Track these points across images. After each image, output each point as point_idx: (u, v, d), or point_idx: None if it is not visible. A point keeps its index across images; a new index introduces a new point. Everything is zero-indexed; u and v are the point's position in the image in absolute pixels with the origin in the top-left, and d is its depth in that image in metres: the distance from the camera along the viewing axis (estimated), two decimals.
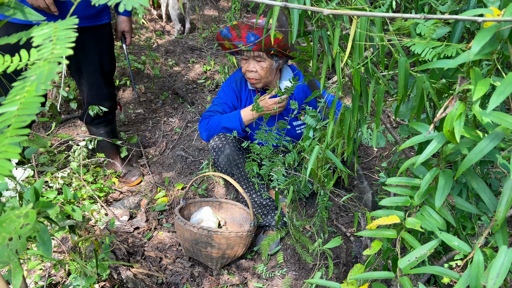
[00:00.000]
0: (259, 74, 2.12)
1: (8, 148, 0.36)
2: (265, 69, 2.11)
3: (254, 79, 2.15)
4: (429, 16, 0.51)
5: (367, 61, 0.82)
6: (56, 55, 0.37)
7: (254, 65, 2.11)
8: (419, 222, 0.75)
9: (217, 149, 2.12)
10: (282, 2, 0.51)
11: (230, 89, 2.31)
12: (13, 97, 0.40)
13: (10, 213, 0.47)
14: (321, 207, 1.61)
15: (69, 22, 0.41)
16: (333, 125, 1.00)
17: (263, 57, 2.09)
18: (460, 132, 0.63)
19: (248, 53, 2.10)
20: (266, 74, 2.13)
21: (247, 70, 2.14)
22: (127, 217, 2.32)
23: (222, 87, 2.36)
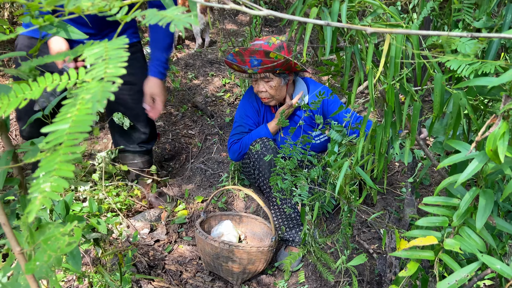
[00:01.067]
0: (269, 93, 2.20)
1: (61, 166, 0.36)
2: (274, 88, 2.18)
3: (266, 98, 2.24)
4: (475, 34, 0.50)
5: (402, 76, 0.81)
6: (109, 74, 0.37)
7: (263, 85, 2.19)
8: (458, 243, 0.73)
9: (260, 154, 2.16)
10: (325, 21, 0.51)
11: (249, 105, 2.36)
12: (64, 115, 0.40)
13: (55, 230, 0.47)
14: (345, 223, 1.58)
15: (119, 41, 0.41)
16: (363, 141, 0.99)
17: (270, 77, 2.16)
18: (505, 152, 0.61)
19: (255, 75, 2.18)
20: (276, 92, 2.20)
21: (258, 91, 2.23)
22: (148, 230, 2.33)
23: (240, 105, 2.41)
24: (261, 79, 2.17)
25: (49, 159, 0.36)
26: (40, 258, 0.45)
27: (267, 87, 2.18)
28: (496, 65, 0.75)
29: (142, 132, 2.30)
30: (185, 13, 0.43)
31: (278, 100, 2.26)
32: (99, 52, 0.41)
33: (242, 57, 2.11)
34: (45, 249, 0.46)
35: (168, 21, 0.42)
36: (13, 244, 0.50)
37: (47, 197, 0.34)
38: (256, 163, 2.17)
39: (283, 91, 2.23)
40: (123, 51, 0.40)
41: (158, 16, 0.43)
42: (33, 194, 0.35)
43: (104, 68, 0.38)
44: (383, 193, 2.52)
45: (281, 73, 2.17)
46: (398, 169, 2.81)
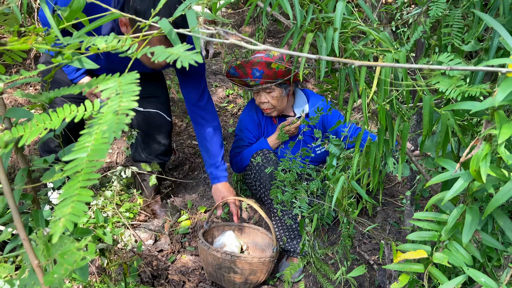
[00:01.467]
0: (271, 103, 2.25)
1: (81, 191, 0.41)
2: (275, 98, 2.23)
3: (268, 109, 2.29)
4: (454, 68, 0.55)
5: (392, 98, 0.86)
6: (123, 107, 0.42)
7: (265, 96, 2.24)
8: (446, 257, 0.77)
9: (261, 165, 2.21)
10: (317, 56, 0.56)
11: (249, 119, 2.41)
12: (82, 144, 0.45)
13: (70, 245, 0.52)
14: (344, 235, 1.62)
15: (131, 76, 0.47)
16: (358, 157, 1.03)
17: (271, 88, 2.22)
18: (486, 172, 0.66)
19: (257, 86, 2.24)
20: (278, 103, 2.26)
21: (260, 102, 2.28)
22: (152, 241, 2.37)
23: (241, 118, 2.46)
24: (262, 90, 2.23)
25: (70, 185, 0.41)
26: (58, 271, 0.49)
27: (269, 98, 2.23)
28: (481, 89, 0.80)
29: (162, 144, 2.39)
30: (190, 51, 0.48)
31: (280, 111, 2.32)
32: (113, 87, 0.46)
33: (244, 69, 2.16)
34: (62, 263, 0.50)
35: (175, 58, 0.47)
36: (32, 258, 0.55)
37: (69, 220, 0.39)
38: (257, 174, 2.22)
39: (284, 101, 2.28)
40: (135, 86, 0.45)
41: (166, 53, 0.48)
42: (57, 217, 0.40)
43: (118, 102, 0.43)
44: (382, 206, 2.55)
45: (282, 84, 2.22)
46: (399, 180, 2.84)
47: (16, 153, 0.74)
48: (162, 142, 2.39)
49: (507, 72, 0.56)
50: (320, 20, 0.83)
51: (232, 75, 2.27)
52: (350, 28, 0.84)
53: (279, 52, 0.56)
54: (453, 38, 0.93)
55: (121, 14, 0.56)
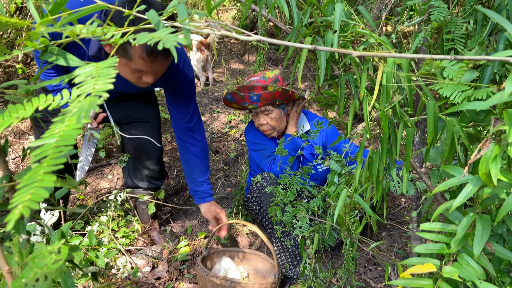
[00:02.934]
0: (270, 125, 2.25)
1: (44, 177, 0.37)
2: (274, 119, 2.23)
3: (268, 130, 2.28)
4: (459, 57, 0.52)
5: (394, 103, 0.82)
6: (97, 90, 0.39)
7: (264, 118, 2.24)
8: (456, 271, 0.71)
9: (260, 187, 2.15)
10: (312, 46, 0.53)
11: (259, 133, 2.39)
12: (52, 131, 0.42)
13: (42, 248, 0.47)
14: (348, 257, 1.54)
15: (110, 61, 0.43)
16: (361, 169, 0.99)
17: (269, 109, 2.21)
18: (497, 174, 0.61)
19: (255, 109, 2.24)
20: (277, 123, 2.25)
21: (259, 124, 2.28)
22: (149, 268, 2.29)
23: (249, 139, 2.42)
24: (261, 112, 2.23)
25: (34, 171, 0.37)
26: (27, 275, 0.45)
27: (268, 119, 2.23)
28: (488, 91, 0.76)
29: (152, 169, 2.35)
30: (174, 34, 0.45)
31: (279, 131, 2.31)
32: (90, 71, 0.42)
33: (241, 94, 2.17)
34: (32, 267, 0.45)
35: (157, 41, 0.44)
36: (2, 263, 0.50)
37: (27, 207, 0.35)
38: (258, 198, 2.16)
39: (283, 122, 2.28)
40: (112, 69, 0.42)
41: (148, 37, 0.45)
42: (14, 204, 0.35)
43: (93, 85, 0.40)
44: (387, 231, 2.47)
45: (280, 104, 2.22)
46: (404, 205, 2.77)
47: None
48: (152, 168, 2.35)
49: None
50: (319, 23, 0.81)
51: (230, 101, 2.28)
52: (350, 32, 0.82)
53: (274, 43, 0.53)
54: (455, 44, 0.90)
55: (106, 5, 0.54)
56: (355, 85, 0.88)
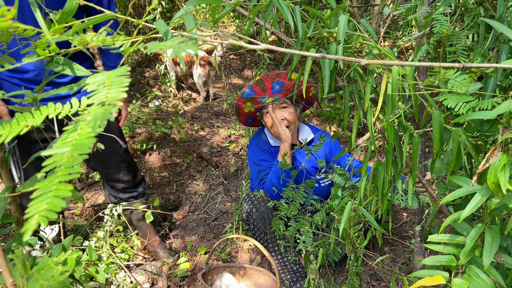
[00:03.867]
0: (288, 120, 2.16)
1: (59, 186, 0.36)
2: (292, 113, 2.16)
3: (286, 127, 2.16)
4: (467, 65, 0.52)
5: (400, 114, 0.82)
6: (111, 98, 0.38)
7: (281, 113, 2.16)
8: (466, 283, 0.70)
9: (252, 207, 2.09)
10: (321, 54, 0.53)
11: (259, 151, 2.32)
12: (65, 139, 0.41)
13: (48, 260, 0.46)
14: (352, 273, 1.53)
15: (122, 70, 0.43)
16: (365, 181, 0.98)
17: (288, 103, 2.15)
18: (506, 184, 0.60)
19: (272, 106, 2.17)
20: (294, 119, 2.18)
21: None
22: (148, 285, 2.25)
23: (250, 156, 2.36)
24: (278, 107, 2.15)
25: (48, 180, 0.37)
26: (32, 287, 0.43)
27: (286, 114, 2.15)
28: (492, 102, 0.76)
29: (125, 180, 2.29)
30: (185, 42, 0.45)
31: (293, 132, 2.21)
32: (102, 80, 0.42)
33: (262, 85, 2.11)
34: (37, 279, 0.44)
35: (168, 49, 0.44)
36: (6, 276, 0.49)
37: (44, 216, 0.34)
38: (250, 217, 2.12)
39: (297, 122, 2.21)
40: (125, 78, 0.42)
41: (158, 46, 0.45)
42: (29, 215, 0.35)
43: (106, 93, 0.40)
44: (390, 242, 2.45)
45: (296, 103, 2.18)
46: (406, 219, 2.75)
47: (1, 169, 0.70)
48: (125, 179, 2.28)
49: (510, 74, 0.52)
50: (323, 35, 0.81)
51: (247, 97, 2.19)
52: (353, 43, 0.82)
53: (281, 51, 0.53)
54: (458, 56, 0.91)
55: (114, 15, 0.54)
56: (359, 96, 0.88)
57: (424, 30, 1.03)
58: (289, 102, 2.16)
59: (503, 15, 0.87)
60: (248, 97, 2.19)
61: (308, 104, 2.34)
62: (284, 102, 2.14)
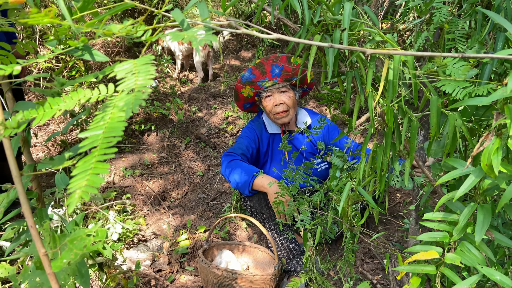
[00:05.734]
0: (287, 104, 2.16)
1: (97, 165, 0.40)
2: (291, 98, 2.17)
3: (283, 111, 2.17)
4: (466, 55, 0.56)
5: (400, 98, 0.86)
6: (140, 85, 0.42)
7: (280, 97, 2.16)
8: (458, 257, 0.76)
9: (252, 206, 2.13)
10: (329, 44, 0.57)
11: (252, 130, 2.35)
12: (97, 123, 0.45)
13: (80, 231, 0.50)
14: (348, 249, 1.59)
15: (147, 58, 0.47)
16: (364, 163, 1.03)
17: (287, 87, 2.16)
18: (498, 166, 0.65)
19: (271, 89, 2.17)
20: (293, 104, 2.18)
21: (275, 105, 2.17)
22: (150, 262, 2.32)
23: (243, 130, 2.40)
24: (277, 90, 2.16)
25: (86, 159, 0.41)
26: (67, 256, 0.48)
27: (285, 98, 2.15)
28: (488, 88, 0.80)
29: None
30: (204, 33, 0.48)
31: (291, 116, 2.22)
32: (129, 68, 0.46)
33: (262, 68, 2.11)
34: (71, 248, 0.49)
35: (189, 40, 0.47)
36: (39, 246, 0.53)
37: (85, 191, 0.38)
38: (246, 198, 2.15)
39: (296, 107, 2.22)
40: (150, 66, 0.45)
41: (180, 35, 0.49)
42: (72, 190, 0.39)
43: (134, 80, 0.43)
44: (383, 221, 2.53)
45: (295, 88, 2.20)
46: (400, 200, 2.82)
47: (23, 149, 0.74)
48: None
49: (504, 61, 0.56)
50: (328, 21, 0.84)
51: (246, 80, 2.19)
52: (357, 30, 0.86)
53: (291, 40, 0.57)
54: (456, 43, 0.95)
55: (133, 3, 0.57)
56: (361, 81, 0.92)
57: (424, 17, 1.07)
58: (289, 86, 2.17)
59: (501, 4, 0.90)
60: (248, 80, 2.19)
61: (308, 89, 2.36)
62: (284, 86, 2.15)
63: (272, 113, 2.21)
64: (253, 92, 2.24)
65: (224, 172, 2.15)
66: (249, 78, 2.17)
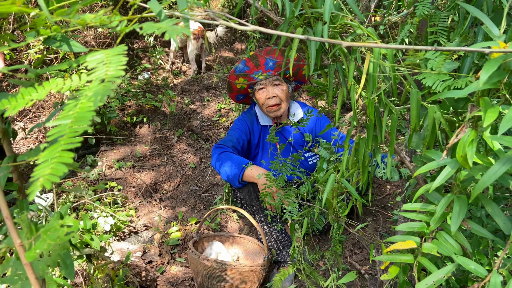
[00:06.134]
0: (280, 97, 2.16)
1: (62, 154, 0.40)
2: (284, 91, 2.16)
3: (276, 105, 2.17)
4: (439, 48, 0.56)
5: (380, 91, 0.87)
6: (110, 76, 0.42)
7: (273, 90, 2.15)
8: (435, 247, 0.77)
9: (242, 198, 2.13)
10: (305, 36, 0.57)
11: (243, 122, 2.35)
12: (67, 112, 0.45)
13: (54, 222, 0.51)
14: (335, 240, 1.61)
15: (119, 49, 0.47)
16: (348, 155, 1.04)
17: (281, 80, 2.16)
18: (473, 157, 0.66)
19: (265, 82, 2.16)
20: (285, 97, 2.18)
21: (267, 98, 2.17)
22: (140, 253, 2.33)
23: (234, 122, 2.41)
24: (270, 83, 2.15)
25: (52, 148, 0.41)
26: (41, 246, 0.48)
27: (278, 91, 2.15)
28: (466, 81, 0.81)
29: None
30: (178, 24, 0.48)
31: (284, 110, 2.22)
32: (101, 58, 0.46)
33: (256, 60, 2.11)
34: (45, 239, 0.49)
35: (163, 31, 0.48)
36: (14, 237, 0.54)
37: (48, 180, 0.38)
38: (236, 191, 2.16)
39: (289, 100, 2.22)
40: (122, 57, 0.45)
41: (154, 27, 0.49)
42: (35, 178, 0.39)
43: (105, 71, 0.43)
44: (373, 212, 2.55)
45: (288, 81, 2.20)
46: (390, 191, 2.85)
47: (3, 140, 0.74)
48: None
49: (490, 53, 0.57)
50: (309, 14, 0.85)
51: (240, 72, 2.18)
52: (339, 23, 0.86)
53: (268, 32, 0.57)
54: (438, 37, 0.95)
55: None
56: (344, 74, 0.92)
57: (408, 10, 1.07)
58: (282, 79, 2.17)
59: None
60: (241, 72, 2.18)
61: (300, 83, 2.36)
62: (277, 79, 2.15)
63: (264, 106, 2.21)
64: (246, 85, 2.23)
65: (215, 164, 2.16)
66: (243, 70, 2.17)
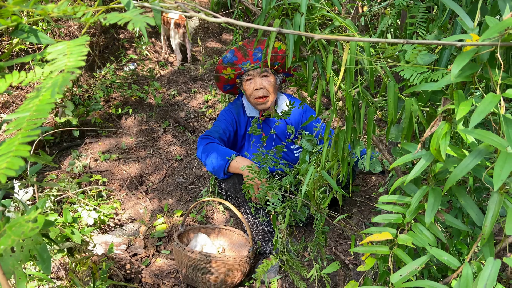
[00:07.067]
0: (267, 89, 2.15)
1: (19, 147, 0.39)
2: (272, 83, 2.15)
3: (264, 97, 2.17)
4: (410, 41, 0.56)
5: (358, 84, 0.87)
6: (70, 67, 0.41)
7: (261, 81, 2.14)
8: (410, 238, 0.78)
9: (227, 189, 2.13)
10: (277, 28, 0.56)
11: (229, 113, 2.34)
12: (27, 105, 0.44)
13: (19, 218, 0.50)
14: (318, 231, 1.62)
15: (81, 40, 0.46)
16: (327, 147, 1.04)
17: (268, 73, 2.14)
18: (446, 149, 0.66)
19: (252, 72, 2.15)
20: (273, 90, 2.17)
21: (255, 89, 2.16)
22: (125, 246, 2.32)
23: (221, 113, 2.39)
24: (258, 74, 2.14)
25: (10, 142, 0.40)
26: (5, 242, 0.47)
27: (265, 83, 2.14)
28: (443, 73, 0.81)
29: None
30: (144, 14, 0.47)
31: (271, 102, 2.21)
32: (62, 49, 0.45)
33: (245, 51, 2.08)
34: (9, 235, 0.48)
35: (127, 21, 0.46)
36: None
37: (4, 174, 0.37)
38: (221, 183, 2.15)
39: (276, 92, 2.21)
40: (83, 47, 0.44)
41: (118, 17, 0.48)
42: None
43: (65, 62, 0.42)
44: (358, 203, 2.57)
45: (276, 73, 2.19)
46: (375, 183, 2.87)
47: None
48: None
49: (462, 47, 0.57)
50: (287, 5, 0.84)
51: (228, 62, 2.15)
52: (317, 14, 0.85)
53: (239, 24, 0.56)
54: (417, 28, 0.95)
55: None
56: (323, 66, 0.92)
57: (388, 1, 1.07)
58: (270, 71, 2.16)
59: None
60: (229, 62, 2.16)
61: (289, 75, 2.35)
62: (265, 71, 2.14)
63: (252, 97, 2.20)
64: (234, 75, 2.21)
65: (200, 155, 2.14)
66: (231, 59, 2.14)
